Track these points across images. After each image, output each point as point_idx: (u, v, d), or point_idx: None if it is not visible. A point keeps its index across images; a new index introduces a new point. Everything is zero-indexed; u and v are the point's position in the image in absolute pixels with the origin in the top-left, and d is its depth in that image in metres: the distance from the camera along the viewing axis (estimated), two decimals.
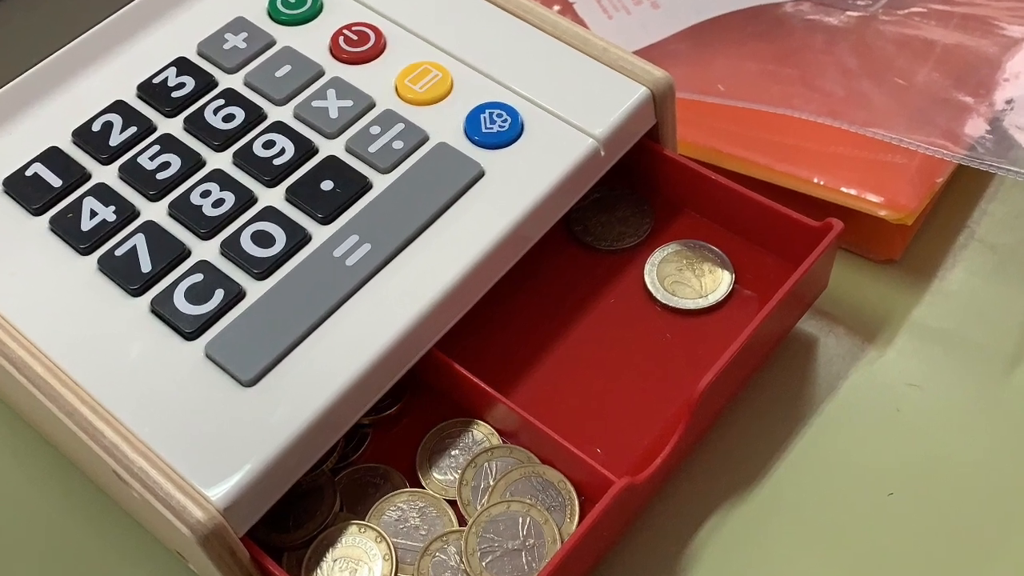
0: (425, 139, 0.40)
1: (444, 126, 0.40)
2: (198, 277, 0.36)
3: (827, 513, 0.39)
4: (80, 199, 0.38)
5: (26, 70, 0.41)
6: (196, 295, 0.36)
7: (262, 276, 0.36)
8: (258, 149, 0.39)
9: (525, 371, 0.40)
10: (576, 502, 0.36)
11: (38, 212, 0.38)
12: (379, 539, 0.36)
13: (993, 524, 0.38)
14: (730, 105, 0.46)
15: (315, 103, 0.41)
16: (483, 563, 0.35)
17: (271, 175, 0.39)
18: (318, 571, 0.35)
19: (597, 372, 0.40)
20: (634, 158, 0.42)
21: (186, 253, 0.37)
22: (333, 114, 0.40)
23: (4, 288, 0.36)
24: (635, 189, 0.44)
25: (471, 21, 0.43)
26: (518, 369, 0.40)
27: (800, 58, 0.48)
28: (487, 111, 0.40)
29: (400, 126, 0.40)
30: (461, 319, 0.37)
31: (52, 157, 0.39)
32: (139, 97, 0.41)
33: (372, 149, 0.39)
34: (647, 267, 0.42)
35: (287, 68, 0.42)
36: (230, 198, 0.38)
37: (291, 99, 0.41)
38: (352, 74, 0.42)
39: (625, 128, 0.40)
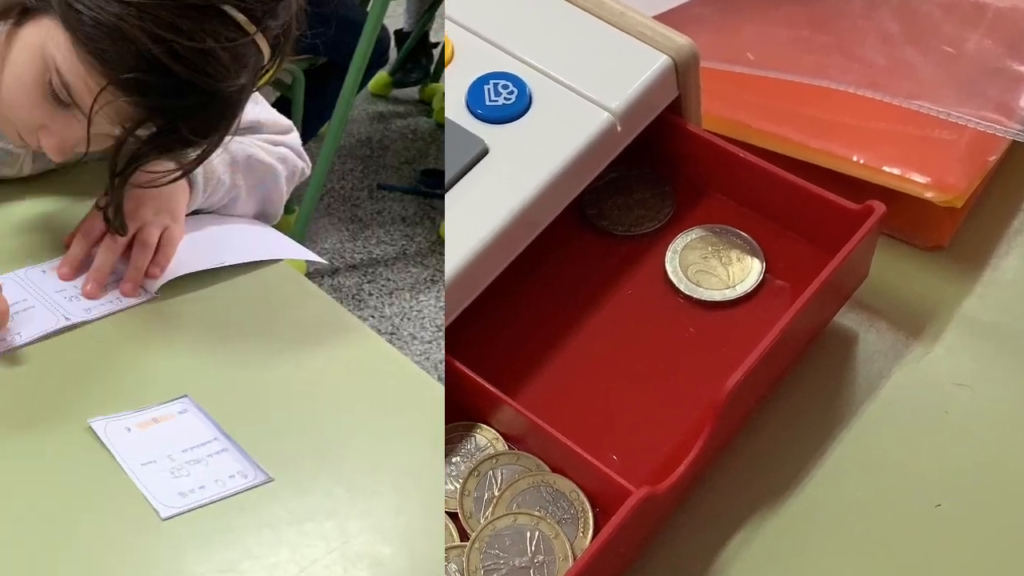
0: None
1: (444, 98, 0.40)
2: None
3: (868, 526, 0.38)
4: None
5: None
6: None
7: None
8: None
9: (533, 370, 0.40)
10: (590, 514, 0.36)
11: None
12: None
13: None
14: (760, 75, 0.46)
15: None
16: None
17: None
18: None
19: (613, 371, 0.40)
20: (654, 134, 0.41)
21: None
22: None
23: None
24: (655, 168, 0.44)
25: None
26: (526, 368, 0.40)
27: (837, 24, 0.47)
28: (492, 82, 0.40)
29: None
30: (462, 312, 0.37)
31: None
32: None
33: None
34: (668, 254, 0.42)
35: None
36: None
37: None
38: None
39: (644, 101, 0.40)
